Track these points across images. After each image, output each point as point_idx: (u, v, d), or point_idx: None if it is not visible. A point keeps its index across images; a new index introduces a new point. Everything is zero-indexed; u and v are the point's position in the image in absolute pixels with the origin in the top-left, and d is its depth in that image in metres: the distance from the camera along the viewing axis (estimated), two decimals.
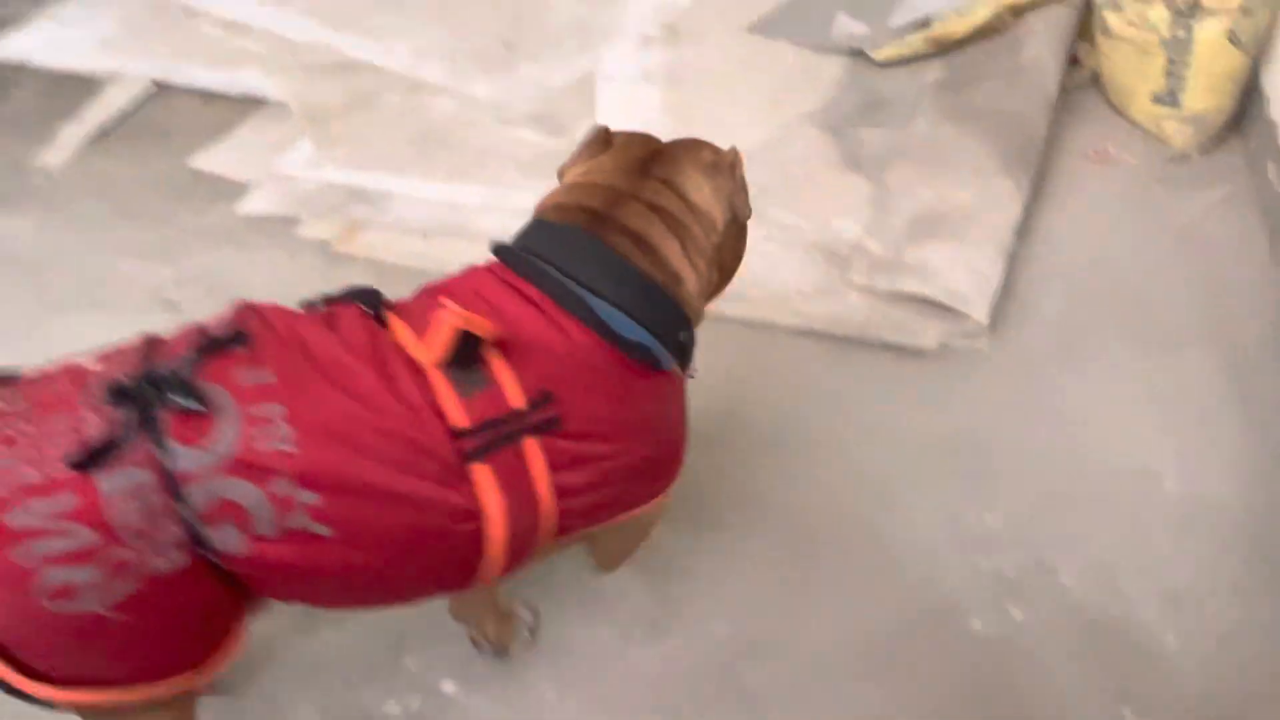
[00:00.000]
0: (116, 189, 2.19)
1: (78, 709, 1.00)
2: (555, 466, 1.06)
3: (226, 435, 0.94)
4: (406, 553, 1.03)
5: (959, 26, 2.53)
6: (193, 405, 0.93)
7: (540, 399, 1.05)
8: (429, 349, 1.02)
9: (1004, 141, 2.18)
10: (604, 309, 1.08)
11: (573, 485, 1.08)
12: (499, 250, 1.14)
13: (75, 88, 2.50)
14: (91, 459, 0.90)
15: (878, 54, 2.56)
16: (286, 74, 2.55)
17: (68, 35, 2.71)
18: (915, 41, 2.55)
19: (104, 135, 2.36)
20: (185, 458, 0.92)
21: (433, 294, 1.11)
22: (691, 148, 1.23)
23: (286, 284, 1.51)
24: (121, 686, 0.99)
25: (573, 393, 1.07)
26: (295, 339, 1.01)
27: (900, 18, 2.71)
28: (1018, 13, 2.54)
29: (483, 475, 1.02)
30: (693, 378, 1.22)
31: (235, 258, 2.01)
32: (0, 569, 0.88)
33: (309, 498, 0.96)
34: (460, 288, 1.11)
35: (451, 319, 1.01)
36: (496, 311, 1.06)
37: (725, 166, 1.23)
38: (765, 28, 2.76)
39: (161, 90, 2.52)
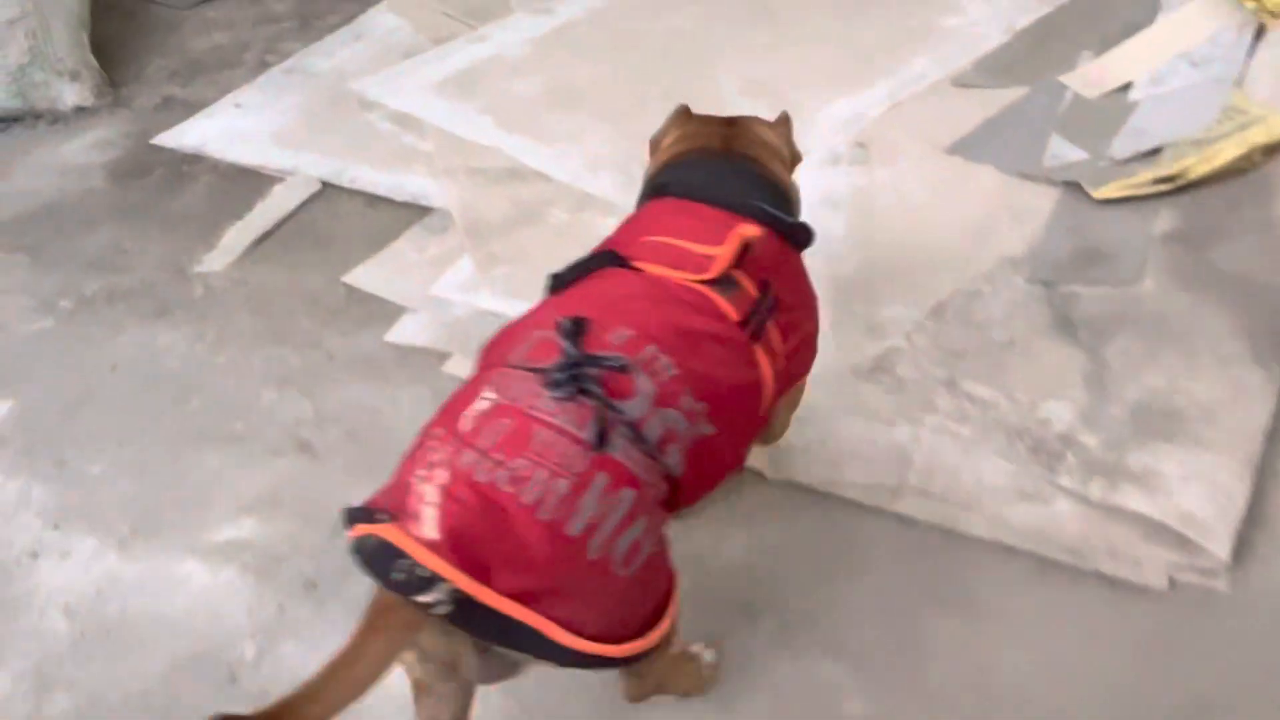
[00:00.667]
0: (270, 304, 2.12)
1: (635, 657, 1.13)
2: (784, 338, 1.33)
3: (642, 381, 1.14)
4: (748, 427, 1.31)
5: (1198, 165, 2.22)
6: (618, 364, 1.13)
7: (764, 288, 1.31)
8: (719, 262, 1.26)
9: (1253, 319, 1.86)
10: (765, 208, 1.37)
11: (789, 350, 1.35)
12: (660, 187, 1.44)
13: (246, 184, 2.47)
14: (600, 442, 1.08)
15: (1097, 191, 2.26)
16: (453, 178, 2.45)
17: (245, 125, 2.70)
18: (1143, 179, 2.25)
19: (266, 238, 2.31)
20: (632, 408, 1.12)
21: (635, 233, 1.37)
22: (753, 117, 1.59)
23: None
24: (653, 628, 1.13)
25: (778, 277, 1.34)
26: (610, 300, 1.23)
27: (1125, 146, 2.41)
28: (1271, 152, 2.21)
29: (759, 354, 1.29)
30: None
31: (379, 394, 1.90)
32: (579, 575, 1.03)
33: (701, 406, 1.18)
34: (652, 222, 1.38)
35: (741, 234, 1.27)
36: (695, 229, 1.32)
37: (781, 122, 1.62)
38: (967, 148, 2.51)
39: (327, 190, 2.46)
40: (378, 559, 1.00)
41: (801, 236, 1.41)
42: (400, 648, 1.01)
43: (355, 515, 1.04)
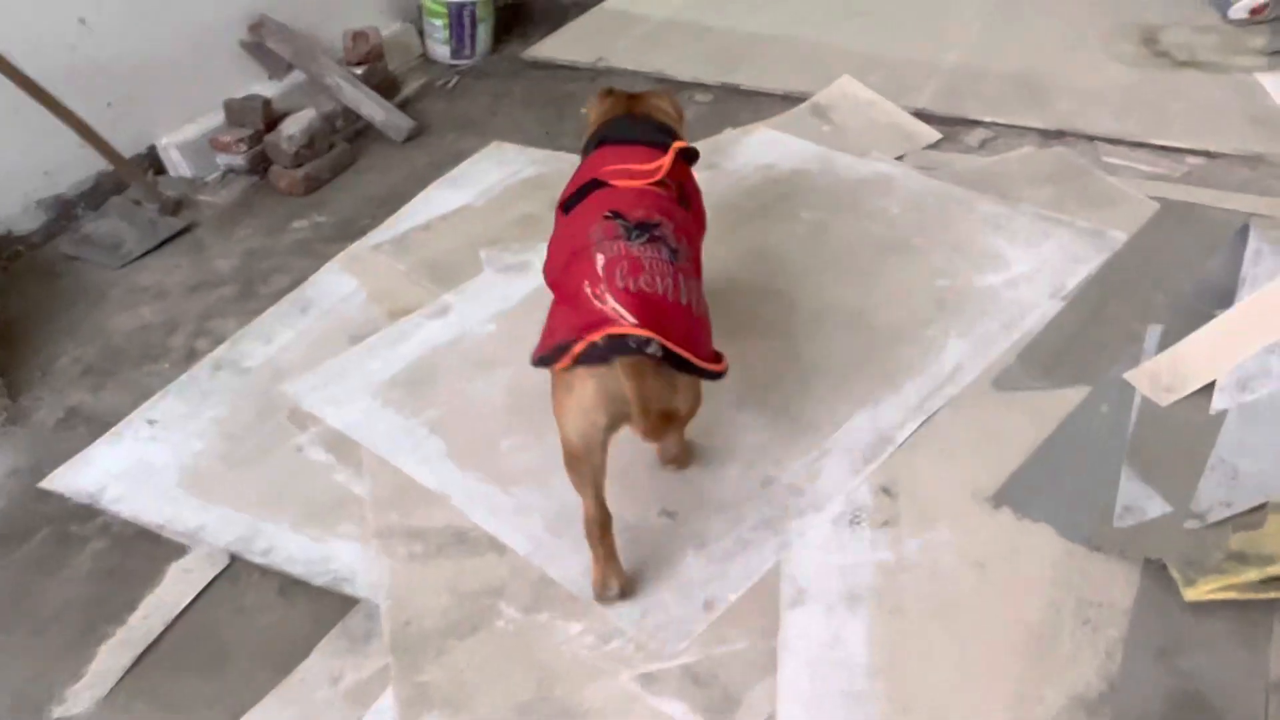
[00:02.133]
0: None
1: (720, 375, 1.72)
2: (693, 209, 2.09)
3: (666, 229, 1.80)
4: (698, 252, 2.02)
5: None
6: (656, 222, 1.82)
7: (677, 186, 2.00)
8: (663, 169, 1.95)
9: None
10: (667, 140, 2.07)
11: (695, 213, 2.10)
12: (601, 139, 2.13)
13: (140, 557, 2.05)
14: (674, 257, 1.75)
15: (1189, 591, 1.78)
16: (387, 545, 2.02)
17: (155, 456, 2.28)
18: (1248, 579, 1.76)
19: (151, 650, 1.87)
20: (671, 241, 1.79)
21: (597, 166, 2.00)
22: (650, 91, 2.34)
23: None
24: (721, 360, 1.74)
25: (684, 178, 2.06)
26: (618, 199, 1.87)
27: (1214, 493, 1.96)
28: None
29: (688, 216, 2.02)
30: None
31: None
32: (694, 324, 1.70)
33: (686, 248, 1.84)
34: (605, 160, 2.02)
35: (674, 150, 1.97)
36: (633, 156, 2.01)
37: (667, 93, 2.36)
38: (1017, 497, 2.04)
39: (234, 567, 2.02)
40: (613, 344, 1.58)
41: (692, 154, 2.05)
42: (653, 380, 1.61)
43: (562, 346, 1.63)
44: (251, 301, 2.78)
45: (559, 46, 4.16)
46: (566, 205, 1.97)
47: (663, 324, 1.61)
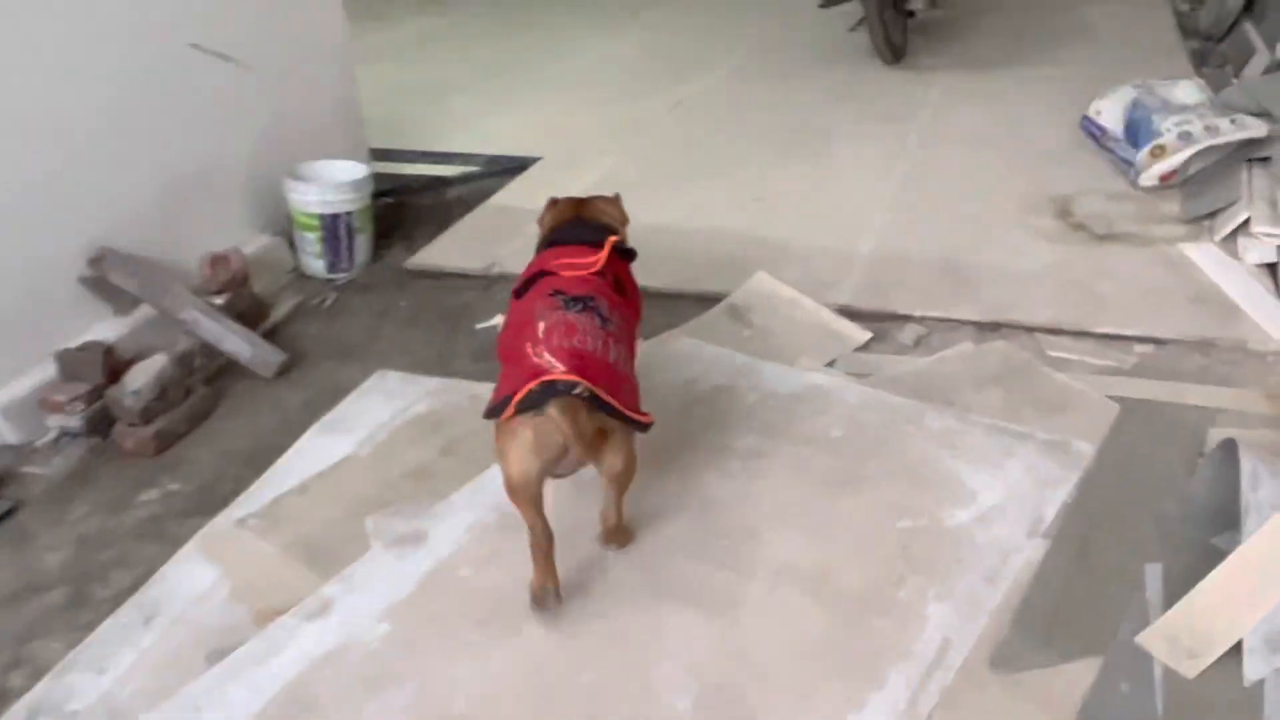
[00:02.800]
0: None
1: (646, 426, 2.08)
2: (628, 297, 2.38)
3: (600, 303, 2.17)
4: (631, 330, 2.36)
5: None
6: (590, 297, 2.15)
7: (614, 278, 2.32)
8: (600, 260, 2.28)
9: None
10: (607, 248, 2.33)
11: (631, 302, 2.40)
12: (551, 241, 2.47)
13: None
14: (604, 322, 2.11)
15: None
16: None
17: None
18: None
19: None
20: (603, 310, 2.15)
21: (546, 261, 2.32)
22: (597, 196, 2.65)
23: None
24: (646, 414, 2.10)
25: (620, 272, 2.38)
26: (561, 284, 2.19)
27: None
28: None
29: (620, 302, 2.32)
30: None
31: None
32: (618, 378, 2.05)
33: (619, 320, 2.20)
34: (554, 256, 2.33)
35: (609, 244, 2.32)
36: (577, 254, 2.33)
37: (614, 200, 2.67)
38: None
39: None
40: (546, 390, 1.91)
41: (630, 254, 2.47)
42: (582, 415, 1.93)
43: (502, 403, 1.97)
44: (84, 612, 2.27)
45: (446, 252, 3.83)
46: (519, 292, 2.27)
47: (589, 373, 1.95)
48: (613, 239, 2.34)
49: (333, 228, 3.61)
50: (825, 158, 4.48)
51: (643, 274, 2.39)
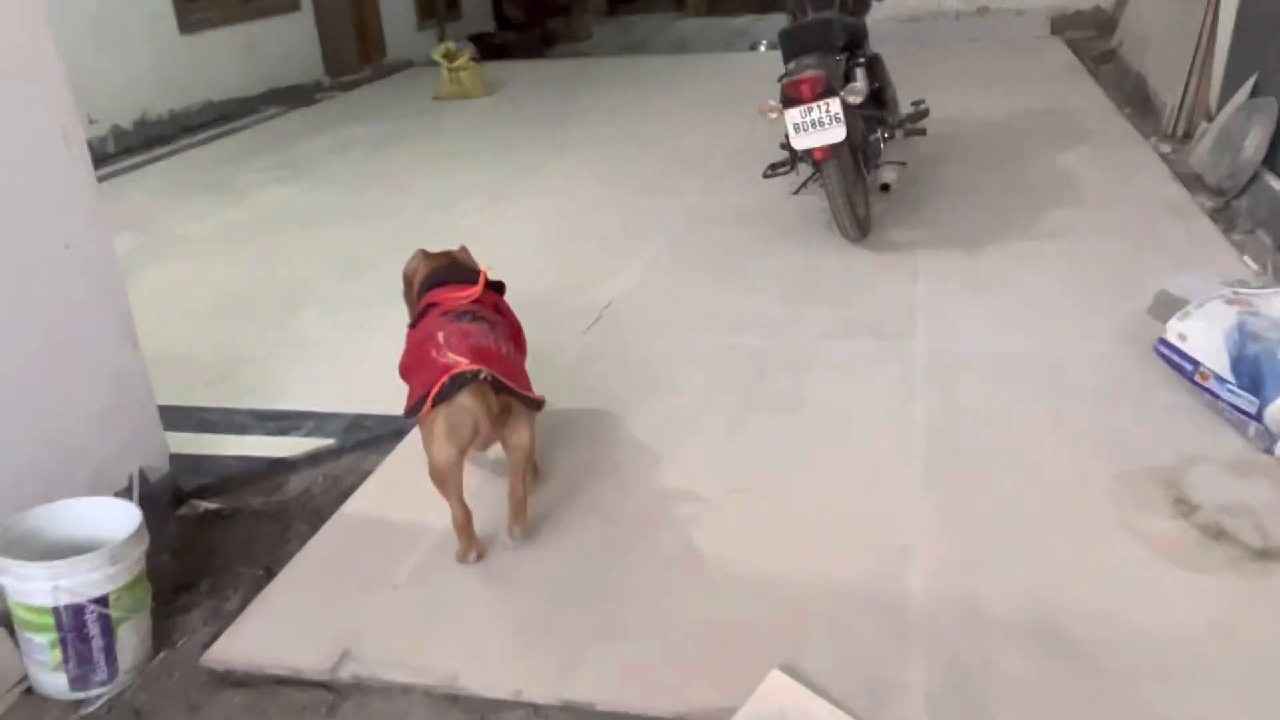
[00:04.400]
0: None
1: (540, 404, 2.62)
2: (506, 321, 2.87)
3: (485, 313, 2.75)
4: (518, 342, 2.88)
5: None
6: (474, 310, 2.70)
7: (493, 306, 2.84)
8: (478, 289, 2.77)
9: None
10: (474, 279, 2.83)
11: (512, 326, 2.89)
12: (429, 286, 2.84)
13: None
14: (491, 327, 2.67)
15: None
16: None
17: None
18: None
19: None
20: (485, 316, 2.72)
21: (432, 299, 2.78)
22: (459, 249, 3.05)
23: None
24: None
25: (497, 302, 2.89)
26: (447, 310, 2.70)
27: None
28: None
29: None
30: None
31: None
32: (510, 363, 2.58)
33: (504, 327, 2.80)
34: (436, 294, 2.79)
35: (483, 275, 2.84)
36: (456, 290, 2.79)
37: (464, 250, 3.04)
38: None
39: None
40: (456, 380, 2.36)
41: (500, 287, 2.93)
42: (488, 399, 2.39)
43: (420, 401, 2.43)
44: None
45: (270, 631, 2.46)
46: (414, 325, 2.77)
47: (489, 363, 2.44)
48: (485, 270, 2.84)
49: (77, 625, 2.23)
50: (808, 408, 3.28)
51: (579, 678, 1.18)
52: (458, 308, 2.65)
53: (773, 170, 4.70)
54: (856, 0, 4.97)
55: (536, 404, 2.57)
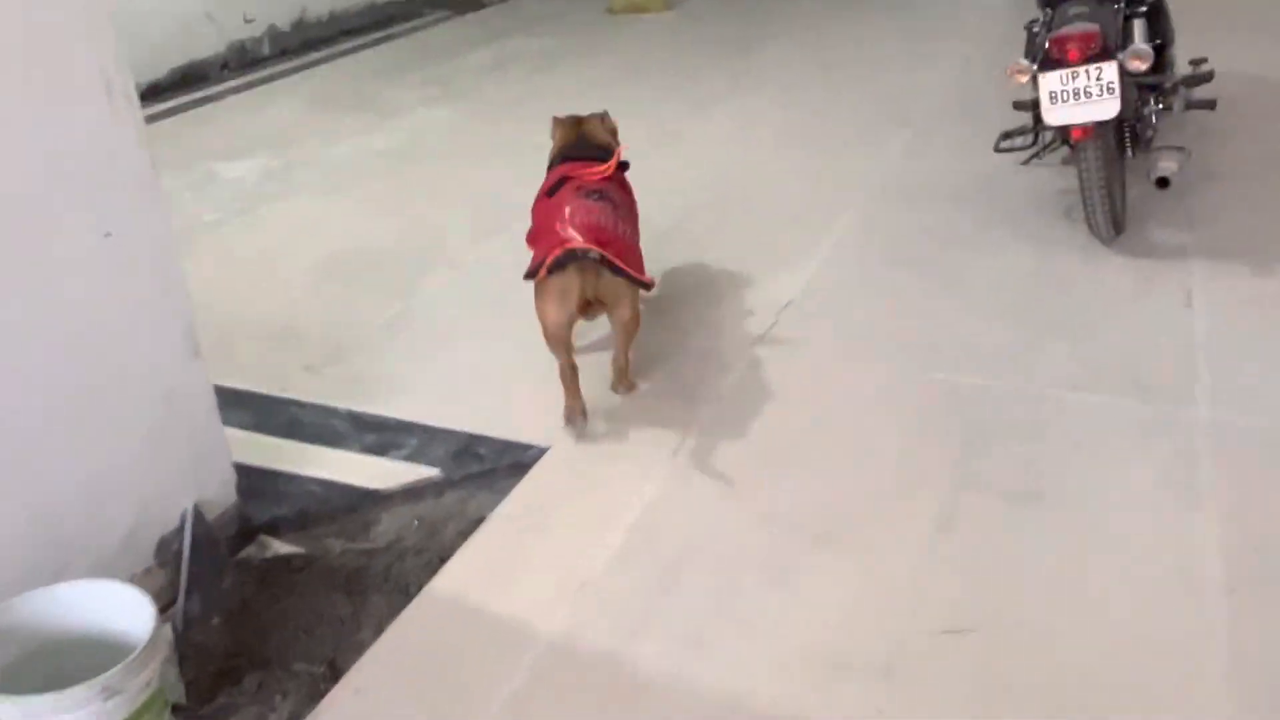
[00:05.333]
0: None
1: (649, 285, 2.81)
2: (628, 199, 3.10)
3: (612, 191, 2.96)
4: (636, 220, 3.09)
5: None
6: (600, 190, 2.90)
7: (619, 182, 3.05)
8: (610, 168, 2.97)
9: None
10: (608, 154, 3.04)
11: (630, 202, 3.09)
12: (561, 158, 3.07)
13: None
14: (614, 208, 2.85)
15: None
16: None
17: None
18: None
19: None
20: (612, 198, 2.92)
21: (564, 171, 2.97)
22: (591, 117, 3.21)
23: None
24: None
25: (620, 178, 3.08)
26: (580, 183, 2.88)
27: None
28: None
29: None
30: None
31: None
32: (628, 246, 2.78)
33: (626, 207, 3.01)
34: (569, 168, 2.97)
35: (617, 155, 3.03)
36: (588, 165, 2.98)
37: (604, 117, 3.24)
38: None
39: None
40: (568, 255, 2.56)
41: (625, 165, 3.10)
42: (594, 276, 2.62)
43: (537, 267, 2.61)
44: None
45: None
46: (550, 191, 2.90)
47: (602, 243, 2.59)
48: (618, 154, 3.04)
49: None
50: (1046, 501, 2.44)
51: None
52: (589, 185, 2.83)
53: (1008, 142, 3.75)
54: None
55: (646, 285, 2.76)
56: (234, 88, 6.66)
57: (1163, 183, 3.35)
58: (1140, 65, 3.19)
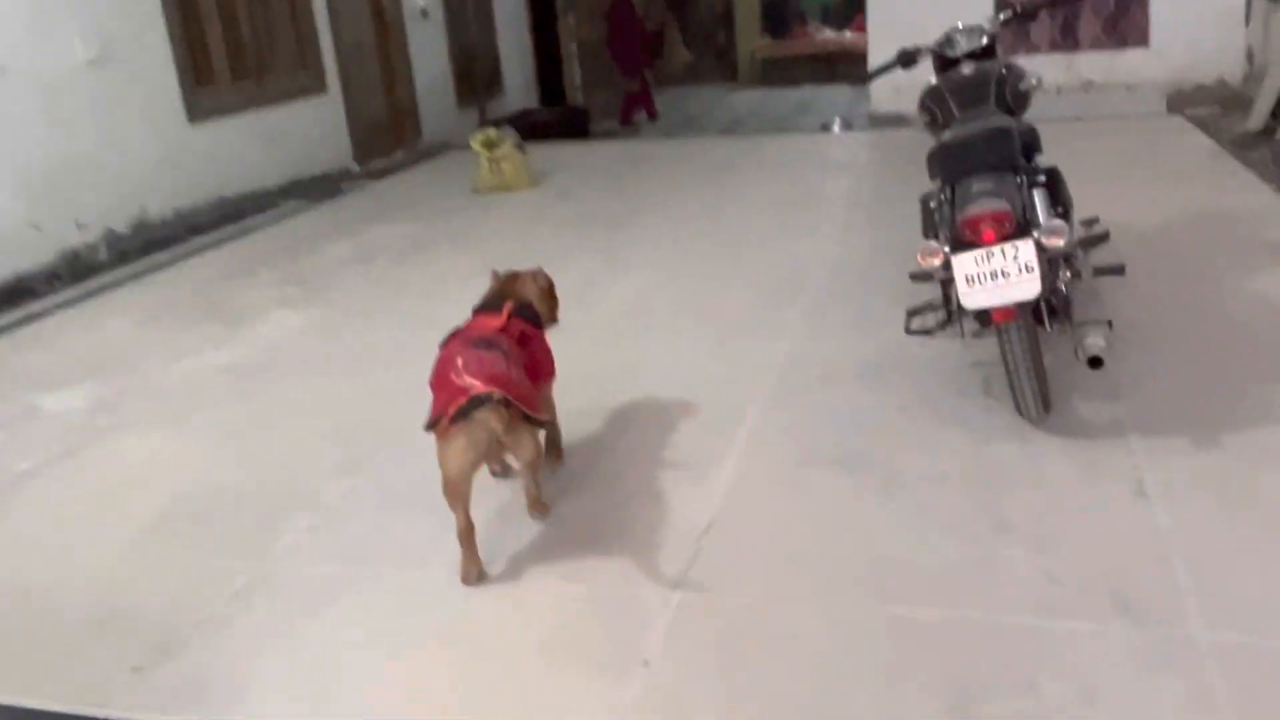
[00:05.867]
0: None
1: (544, 421, 2.95)
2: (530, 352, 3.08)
3: (501, 342, 2.96)
4: (535, 370, 3.09)
5: None
6: (490, 339, 2.93)
7: (519, 335, 3.05)
8: (503, 318, 3.03)
9: None
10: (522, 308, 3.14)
11: (537, 355, 3.13)
12: (476, 310, 3.16)
13: None
14: (506, 356, 2.86)
15: None
16: None
17: None
18: None
19: None
20: (503, 346, 2.91)
21: (466, 323, 3.10)
22: (526, 274, 3.32)
23: None
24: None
25: (525, 332, 3.09)
26: (474, 334, 2.98)
27: None
28: None
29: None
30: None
31: None
32: (524, 389, 2.79)
33: (518, 357, 2.97)
34: (475, 317, 3.13)
35: (507, 308, 3.07)
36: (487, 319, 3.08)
37: (538, 275, 3.35)
38: None
39: None
40: (473, 402, 2.61)
41: (535, 318, 3.18)
42: (501, 419, 2.63)
43: (436, 419, 2.69)
44: None
45: None
46: (444, 345, 2.97)
47: (502, 387, 2.66)
48: (508, 304, 3.10)
49: None
50: None
51: None
52: (477, 336, 2.93)
53: (919, 320, 3.51)
54: (1015, 92, 3.80)
55: (540, 422, 2.88)
56: (65, 301, 6.05)
57: (1095, 362, 3.11)
58: (1058, 242, 2.99)
